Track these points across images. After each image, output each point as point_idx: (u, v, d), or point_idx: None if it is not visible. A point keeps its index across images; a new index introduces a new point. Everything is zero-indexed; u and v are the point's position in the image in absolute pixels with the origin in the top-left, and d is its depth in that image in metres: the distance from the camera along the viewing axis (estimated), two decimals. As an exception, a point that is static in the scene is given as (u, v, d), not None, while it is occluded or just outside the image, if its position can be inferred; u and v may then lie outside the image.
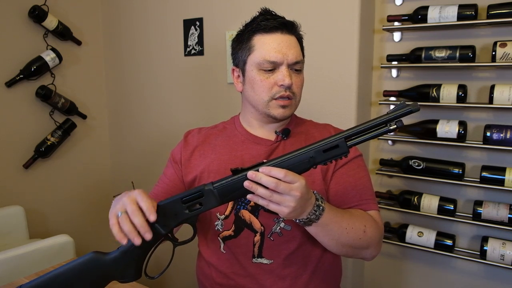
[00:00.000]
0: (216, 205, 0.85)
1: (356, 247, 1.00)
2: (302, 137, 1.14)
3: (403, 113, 0.80)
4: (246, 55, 1.08)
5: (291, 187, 0.82)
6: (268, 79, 1.05)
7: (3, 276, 1.46)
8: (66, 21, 2.23)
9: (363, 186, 1.09)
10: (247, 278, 1.09)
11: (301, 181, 0.83)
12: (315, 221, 0.90)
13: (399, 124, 0.81)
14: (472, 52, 1.46)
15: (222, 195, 0.85)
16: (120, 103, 2.46)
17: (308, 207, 0.88)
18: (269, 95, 1.06)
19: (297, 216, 0.88)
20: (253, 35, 1.07)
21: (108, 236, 2.65)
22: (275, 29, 1.05)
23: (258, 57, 1.05)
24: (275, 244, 1.07)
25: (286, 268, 1.08)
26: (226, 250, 1.11)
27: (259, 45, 1.05)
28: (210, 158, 1.14)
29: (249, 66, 1.07)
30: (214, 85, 2.03)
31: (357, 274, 1.79)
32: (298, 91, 1.09)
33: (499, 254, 1.46)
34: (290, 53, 1.05)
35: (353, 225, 0.98)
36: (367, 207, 1.08)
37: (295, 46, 1.07)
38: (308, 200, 0.87)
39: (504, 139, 1.42)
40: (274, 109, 1.07)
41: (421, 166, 1.59)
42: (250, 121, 1.15)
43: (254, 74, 1.06)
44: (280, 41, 1.05)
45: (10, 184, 2.12)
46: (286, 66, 1.05)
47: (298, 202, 0.84)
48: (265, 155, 1.11)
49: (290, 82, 1.04)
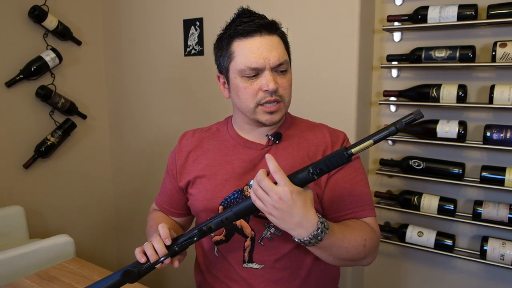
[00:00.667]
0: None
1: (354, 260, 1.00)
2: (294, 140, 1.11)
3: (408, 121, 0.80)
4: (227, 62, 1.04)
5: (272, 186, 0.84)
6: (252, 85, 1.01)
7: (3, 276, 1.45)
8: (66, 21, 2.23)
9: (360, 191, 1.07)
10: (240, 282, 1.08)
11: (285, 187, 0.84)
12: (314, 244, 0.88)
13: (399, 126, 0.80)
14: (472, 52, 1.46)
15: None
16: (120, 103, 2.46)
17: (295, 225, 0.86)
18: (254, 102, 1.02)
19: (283, 227, 0.88)
20: (232, 41, 1.03)
21: (108, 236, 2.66)
22: (253, 32, 1.00)
23: (239, 64, 1.00)
24: (265, 249, 1.06)
25: (278, 273, 1.07)
26: (219, 254, 1.11)
27: (238, 51, 1.01)
28: (203, 163, 1.13)
29: (232, 74, 1.04)
30: (214, 85, 2.02)
31: (357, 274, 1.79)
32: (286, 92, 1.04)
33: (499, 254, 1.46)
34: (272, 56, 1.00)
35: (353, 243, 0.96)
36: (364, 214, 1.06)
37: (277, 46, 1.02)
38: (293, 216, 0.85)
39: (504, 139, 1.42)
40: (262, 115, 1.04)
41: (421, 166, 1.59)
42: (241, 125, 1.13)
43: (238, 82, 1.02)
44: (260, 45, 1.00)
45: (10, 184, 2.12)
46: (270, 70, 1.00)
47: (276, 206, 0.84)
48: (256, 160, 1.09)
49: (274, 86, 1.00)
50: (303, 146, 1.10)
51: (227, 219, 0.92)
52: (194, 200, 1.13)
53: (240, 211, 0.92)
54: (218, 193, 1.08)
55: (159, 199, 1.27)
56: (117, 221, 2.62)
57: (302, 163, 1.06)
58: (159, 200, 1.27)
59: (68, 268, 1.34)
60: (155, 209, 1.28)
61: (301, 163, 1.06)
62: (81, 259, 1.42)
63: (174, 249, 0.93)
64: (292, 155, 1.08)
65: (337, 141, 1.11)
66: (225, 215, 0.92)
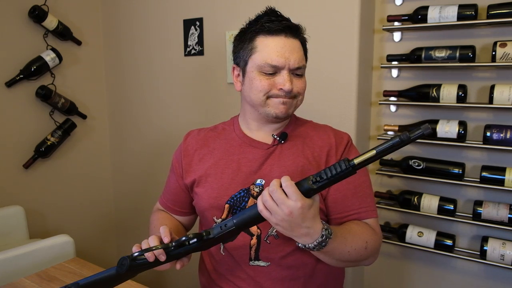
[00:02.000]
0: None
1: (356, 262, 1.02)
2: (299, 140, 1.12)
3: (415, 136, 0.75)
4: (247, 55, 1.06)
5: (284, 200, 0.82)
6: (268, 80, 1.03)
7: (3, 276, 1.45)
8: (66, 21, 2.23)
9: (363, 193, 1.08)
10: (246, 280, 1.09)
11: (297, 202, 0.81)
12: (318, 250, 0.90)
13: (403, 137, 0.75)
14: (472, 52, 1.46)
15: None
16: (120, 103, 2.46)
17: (301, 235, 0.87)
18: (267, 94, 1.04)
19: (289, 235, 0.88)
20: (256, 36, 1.05)
21: (108, 236, 2.66)
22: (279, 32, 1.03)
23: (260, 60, 1.03)
24: (271, 246, 1.07)
25: (284, 270, 1.07)
26: (225, 252, 1.11)
27: (261, 46, 1.03)
28: (208, 162, 1.14)
29: (250, 67, 1.06)
30: (214, 85, 2.03)
31: (357, 274, 1.79)
32: (301, 93, 1.08)
33: (499, 254, 1.46)
34: (293, 58, 1.03)
35: (355, 246, 0.98)
36: (367, 215, 1.07)
37: (298, 50, 1.05)
38: (301, 227, 0.85)
39: (504, 139, 1.42)
40: (272, 107, 1.05)
41: (421, 166, 1.59)
42: (249, 122, 1.14)
43: (255, 75, 1.05)
44: (283, 45, 1.03)
45: (10, 184, 2.12)
46: (288, 71, 1.03)
47: (285, 219, 0.83)
48: (262, 159, 1.10)
49: (291, 87, 1.02)
50: (308, 146, 1.11)
51: (226, 226, 0.88)
52: (200, 199, 1.13)
53: (242, 220, 0.88)
54: (224, 191, 1.09)
55: (163, 197, 1.27)
56: (117, 221, 2.62)
57: (307, 163, 1.08)
58: (163, 198, 1.27)
59: (68, 268, 1.34)
60: (159, 208, 1.29)
61: (305, 163, 1.08)
62: (81, 259, 1.42)
63: (168, 245, 0.90)
64: (297, 155, 1.09)
65: (341, 143, 1.13)
66: (225, 222, 0.89)
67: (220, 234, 0.89)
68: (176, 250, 0.91)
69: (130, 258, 0.89)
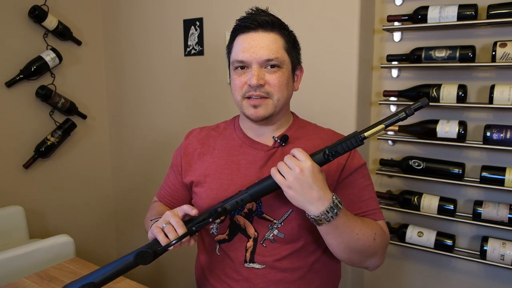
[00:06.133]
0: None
1: (363, 254, 1.01)
2: (301, 143, 1.11)
3: (417, 107, 0.90)
4: (228, 56, 1.11)
5: (295, 161, 0.90)
6: (239, 78, 1.05)
7: (3, 276, 1.45)
8: (66, 21, 2.23)
9: (368, 196, 1.09)
10: (240, 282, 1.09)
11: (307, 161, 0.89)
12: (325, 222, 0.91)
13: (408, 112, 0.90)
14: (472, 52, 1.46)
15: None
16: (120, 103, 2.47)
17: (313, 199, 0.90)
18: (240, 94, 1.06)
19: (301, 201, 0.91)
20: (234, 36, 1.08)
21: (108, 236, 2.66)
22: (250, 29, 1.04)
23: (232, 58, 1.07)
24: (267, 250, 1.07)
25: (279, 273, 1.07)
26: (221, 253, 1.11)
27: (234, 45, 1.07)
28: (208, 162, 1.14)
29: (230, 67, 1.10)
30: (214, 85, 2.03)
31: (357, 274, 1.79)
32: (275, 89, 1.03)
33: (499, 254, 1.46)
34: (261, 51, 1.01)
35: (364, 231, 0.98)
36: (374, 217, 1.08)
37: (272, 43, 1.02)
38: (313, 189, 0.89)
39: (504, 139, 1.42)
40: (247, 109, 1.06)
41: (421, 166, 1.59)
42: (245, 123, 1.14)
43: (232, 75, 1.08)
44: (251, 40, 1.03)
45: (10, 184, 2.12)
46: (257, 65, 1.02)
47: (297, 177, 0.88)
48: (262, 161, 1.09)
49: (256, 82, 1.01)
50: (309, 149, 1.10)
51: (242, 201, 0.94)
52: (199, 199, 1.13)
53: (256, 191, 0.94)
54: (223, 192, 1.08)
55: (161, 192, 1.27)
56: (117, 221, 2.62)
57: None
58: (161, 193, 1.27)
59: (68, 268, 1.34)
60: (156, 201, 1.29)
61: None
62: (81, 259, 1.42)
63: (192, 229, 0.94)
64: None
65: None
66: (240, 197, 0.94)
67: (234, 206, 0.96)
68: (197, 230, 0.96)
69: (154, 249, 0.92)
